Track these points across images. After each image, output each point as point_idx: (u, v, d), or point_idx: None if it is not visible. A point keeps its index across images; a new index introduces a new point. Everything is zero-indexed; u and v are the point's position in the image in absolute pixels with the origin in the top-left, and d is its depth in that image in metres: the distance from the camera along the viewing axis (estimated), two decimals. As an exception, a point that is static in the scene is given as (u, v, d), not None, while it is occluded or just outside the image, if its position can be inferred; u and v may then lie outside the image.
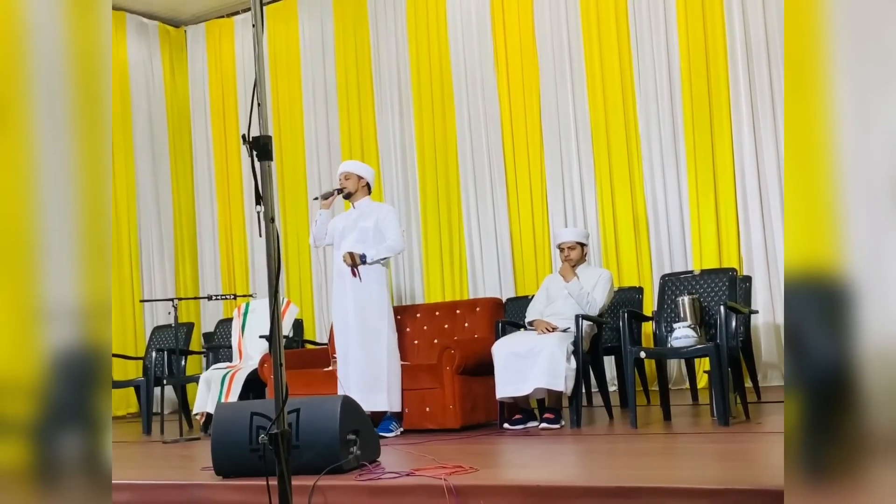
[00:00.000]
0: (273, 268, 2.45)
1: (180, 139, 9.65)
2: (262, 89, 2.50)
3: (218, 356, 7.15)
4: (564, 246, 5.55)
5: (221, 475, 3.85)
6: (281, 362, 2.46)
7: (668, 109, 7.31)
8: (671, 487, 2.97)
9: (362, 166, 5.69)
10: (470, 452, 4.30)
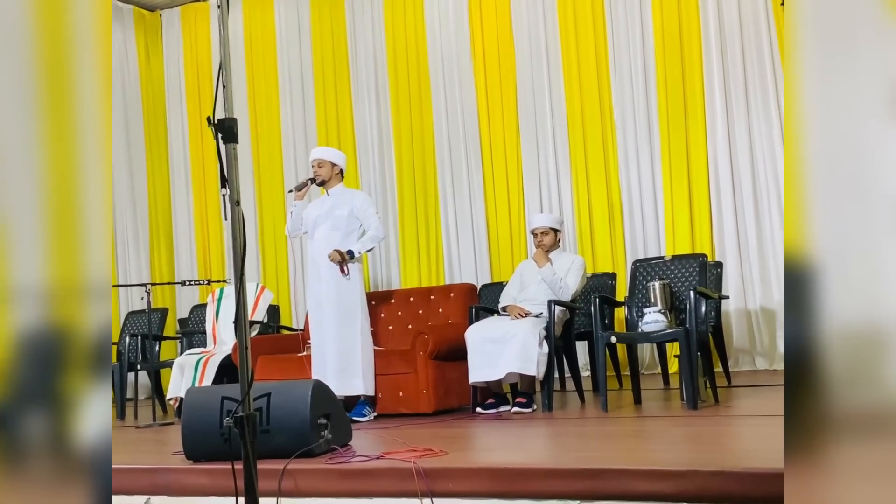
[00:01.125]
0: (238, 251, 2.46)
1: (155, 124, 9.58)
2: (227, 72, 2.50)
3: (192, 341, 7.13)
4: (537, 231, 5.58)
5: (192, 459, 3.86)
6: (246, 346, 2.46)
7: (642, 98, 7.34)
8: (636, 469, 3.01)
9: (335, 153, 5.68)
10: (442, 436, 4.33)
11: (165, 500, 3.73)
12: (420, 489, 3.22)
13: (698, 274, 5.20)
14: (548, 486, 3.09)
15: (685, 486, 2.87)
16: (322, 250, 5.46)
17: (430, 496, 3.21)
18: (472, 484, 3.22)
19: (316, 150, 5.71)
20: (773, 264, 6.88)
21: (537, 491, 3.11)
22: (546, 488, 3.09)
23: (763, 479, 2.77)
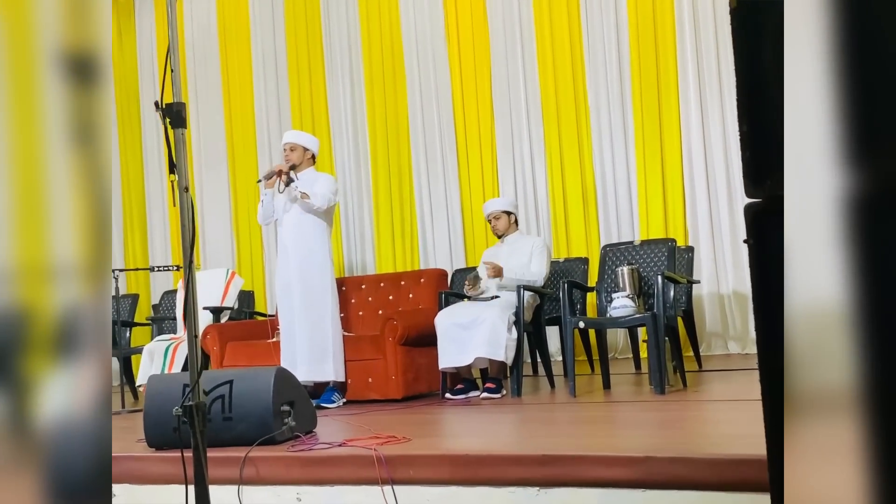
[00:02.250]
0: (188, 237, 2.42)
1: (128, 106, 9.49)
2: (174, 56, 2.45)
3: (162, 328, 7.08)
4: (491, 216, 5.59)
5: (154, 447, 3.83)
6: (196, 334, 2.43)
7: (616, 82, 7.32)
8: (596, 455, 3.00)
9: (307, 137, 5.61)
10: (408, 422, 4.31)
11: (127, 488, 3.71)
12: (381, 476, 3.21)
13: (667, 259, 5.19)
14: (508, 473, 3.08)
15: (643, 472, 2.86)
16: (291, 235, 5.41)
17: (390, 483, 3.20)
18: (433, 471, 3.21)
19: (288, 134, 5.63)
20: (745, 249, 6.87)
21: (497, 478, 3.10)
22: (506, 475, 3.08)
23: (721, 465, 2.77)
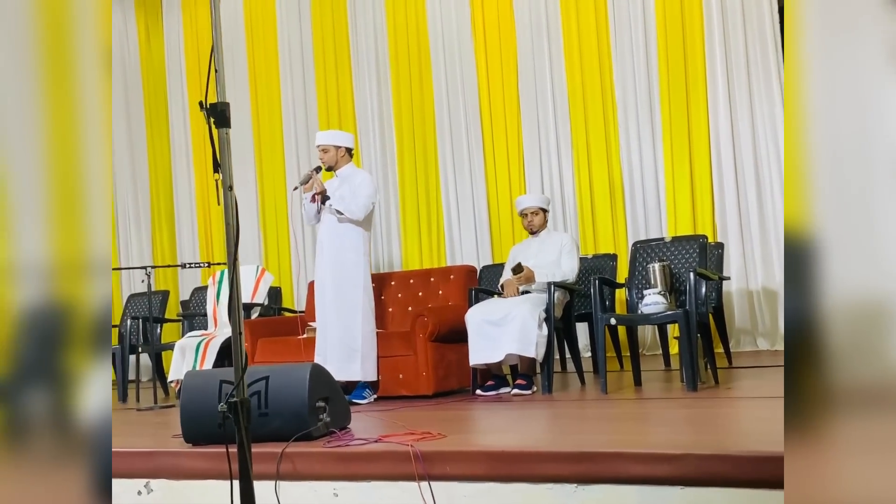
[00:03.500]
0: (232, 236, 2.44)
1: (156, 105, 9.55)
2: (219, 56, 2.48)
3: (193, 324, 7.14)
4: (527, 212, 5.59)
5: (190, 442, 3.87)
6: (240, 331, 2.46)
7: (644, 77, 7.30)
8: (634, 452, 3.00)
9: (337, 135, 5.60)
10: (441, 419, 4.33)
11: (165, 484, 3.74)
12: (417, 472, 3.23)
13: (698, 255, 5.18)
14: (544, 470, 3.09)
15: (681, 469, 2.86)
16: (327, 233, 5.43)
17: (427, 479, 3.22)
18: (470, 467, 3.22)
19: (319, 136, 5.61)
20: (774, 245, 6.85)
21: (534, 474, 3.11)
22: (543, 471, 3.09)
23: (759, 462, 2.76)
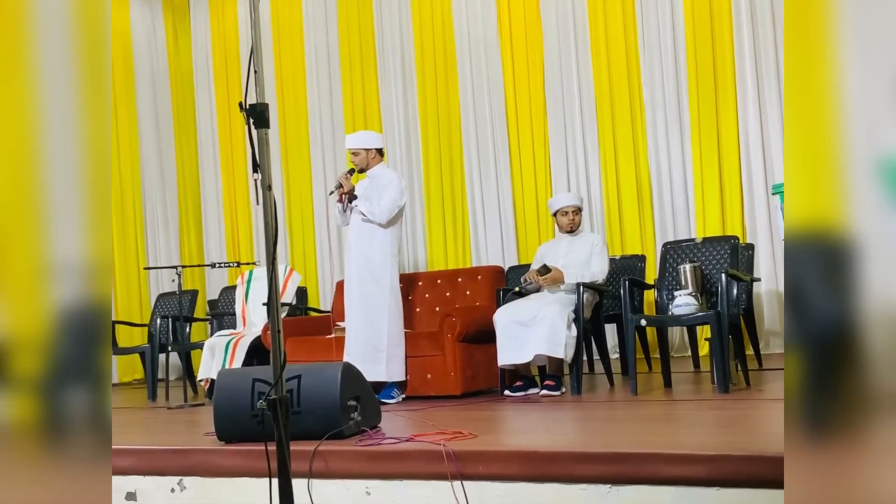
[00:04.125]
0: (271, 235, 2.46)
1: (184, 107, 9.62)
2: (258, 56, 2.50)
3: (222, 323, 7.19)
4: (568, 210, 5.55)
5: (224, 440, 3.90)
6: (279, 329, 2.47)
7: (672, 76, 7.27)
8: (667, 453, 3.00)
9: (366, 136, 5.59)
10: (470, 419, 4.34)
11: (198, 481, 3.77)
12: (450, 472, 3.24)
13: (729, 256, 5.15)
14: (578, 470, 3.09)
15: (716, 470, 2.86)
16: (355, 234, 5.45)
17: (460, 479, 3.22)
18: (502, 467, 3.23)
19: (348, 140, 5.59)
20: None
21: (567, 475, 3.11)
22: (576, 472, 3.09)
23: (796, 464, 2.75)
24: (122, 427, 5.31)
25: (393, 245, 5.46)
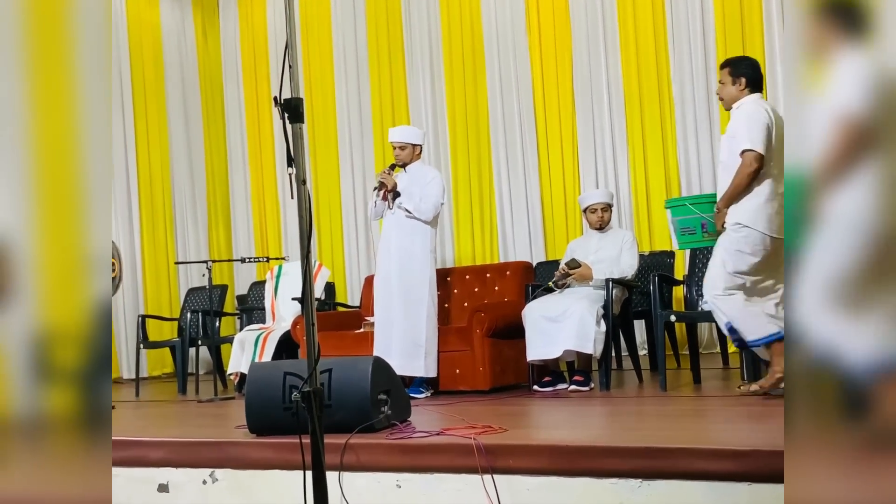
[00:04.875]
0: (305, 229, 2.49)
1: (213, 103, 9.69)
2: (293, 51, 2.52)
3: (251, 318, 7.24)
4: (597, 207, 5.53)
5: (255, 433, 3.93)
6: (313, 322, 2.50)
7: (702, 71, 7.23)
8: (699, 448, 2.99)
9: (413, 132, 5.59)
10: (500, 413, 4.35)
11: (230, 473, 3.81)
12: (480, 465, 3.25)
13: (760, 252, 5.11)
14: (609, 465, 3.09)
15: (748, 465, 2.85)
16: (395, 229, 5.45)
17: (490, 472, 3.23)
18: (533, 461, 3.23)
19: (394, 132, 5.59)
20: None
21: (597, 469, 3.11)
22: (607, 466, 3.09)
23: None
24: (154, 420, 5.37)
25: (432, 241, 5.48)
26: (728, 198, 4.24)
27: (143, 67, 9.07)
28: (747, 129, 4.16)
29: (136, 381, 7.06)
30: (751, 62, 4.40)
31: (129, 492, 4.00)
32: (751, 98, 4.30)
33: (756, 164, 4.12)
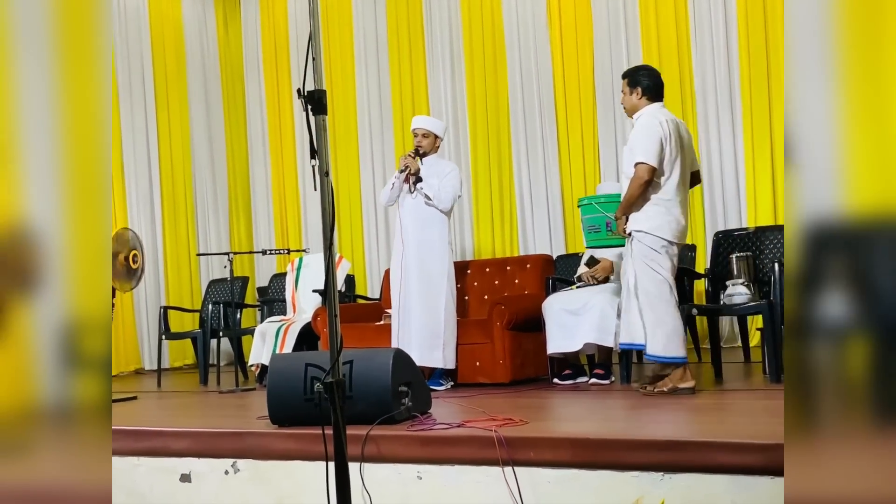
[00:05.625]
0: (328, 221, 2.49)
1: (234, 95, 9.73)
2: (316, 43, 2.52)
3: (272, 309, 7.28)
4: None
5: (276, 424, 3.95)
6: (336, 313, 2.50)
7: (724, 62, 7.17)
8: (722, 442, 2.99)
9: (438, 124, 5.62)
10: (520, 406, 4.35)
11: (252, 464, 3.84)
12: (501, 457, 3.25)
13: (782, 246, 5.09)
14: (630, 458, 3.09)
15: (771, 458, 2.84)
16: (411, 219, 5.45)
17: (511, 464, 3.24)
18: (554, 453, 3.24)
19: (418, 120, 5.60)
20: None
21: (619, 462, 3.11)
22: (628, 459, 3.09)
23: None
24: (176, 410, 5.42)
25: (449, 232, 5.50)
26: (623, 207, 4.52)
27: (164, 60, 9.11)
28: (640, 142, 4.43)
29: (157, 371, 7.12)
30: (648, 71, 4.63)
31: (152, 481, 4.04)
32: (648, 109, 4.53)
33: (647, 175, 4.37)
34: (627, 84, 4.61)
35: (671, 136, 4.42)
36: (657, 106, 4.55)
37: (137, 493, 4.06)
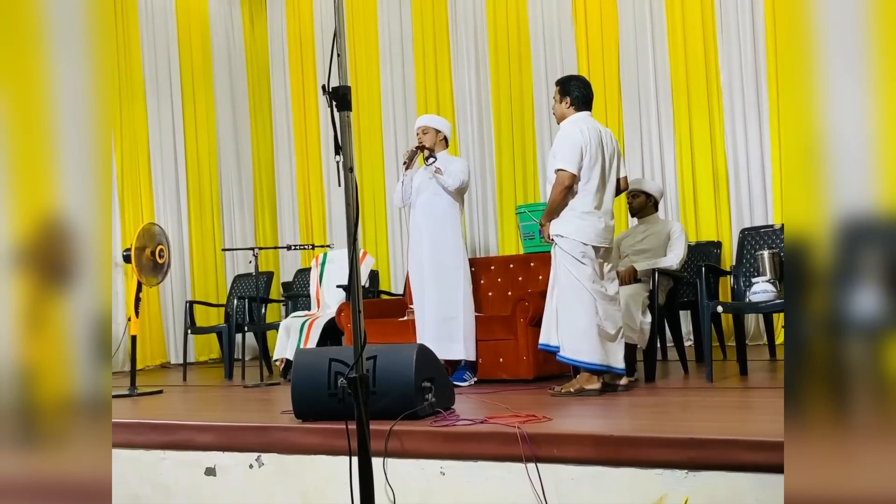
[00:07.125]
0: (352, 216, 2.50)
1: (259, 92, 9.78)
2: (341, 40, 2.53)
3: (297, 304, 7.32)
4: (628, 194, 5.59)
5: (301, 418, 3.98)
6: (359, 308, 2.52)
7: (751, 59, 7.11)
8: (746, 440, 2.97)
9: (439, 120, 5.69)
10: (543, 402, 4.35)
11: (276, 458, 3.86)
12: (524, 454, 3.25)
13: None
14: (654, 455, 3.08)
15: (797, 458, 2.81)
16: (423, 216, 5.51)
17: (534, 461, 3.24)
18: (577, 450, 3.24)
19: (421, 118, 5.75)
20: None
21: (643, 459, 3.10)
22: (652, 457, 3.08)
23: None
24: (201, 404, 5.46)
25: (460, 225, 5.57)
26: (546, 213, 4.66)
27: (191, 57, 9.18)
28: (560, 149, 4.56)
29: (183, 365, 7.18)
30: (579, 82, 4.74)
31: (177, 475, 4.07)
32: (572, 118, 4.65)
33: (568, 181, 4.52)
34: (559, 92, 4.74)
35: (591, 142, 4.55)
36: (583, 115, 4.67)
37: (162, 486, 4.10)
